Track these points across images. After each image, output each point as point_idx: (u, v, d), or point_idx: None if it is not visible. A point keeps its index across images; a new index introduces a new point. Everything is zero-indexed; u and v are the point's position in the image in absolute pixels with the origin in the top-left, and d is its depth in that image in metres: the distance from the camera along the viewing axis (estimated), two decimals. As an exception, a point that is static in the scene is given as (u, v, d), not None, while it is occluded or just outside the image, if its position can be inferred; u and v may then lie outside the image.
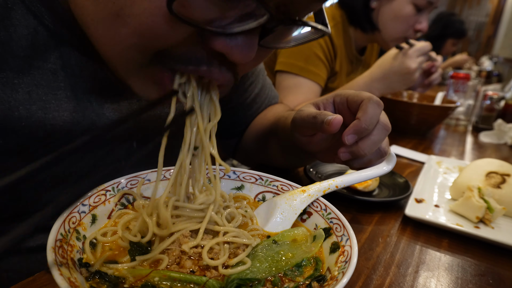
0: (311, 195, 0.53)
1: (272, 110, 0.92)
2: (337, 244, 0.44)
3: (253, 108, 0.91)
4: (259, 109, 0.93)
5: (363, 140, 0.56)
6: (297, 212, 0.52)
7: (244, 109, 0.90)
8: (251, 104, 0.90)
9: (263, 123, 0.88)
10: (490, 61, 4.67)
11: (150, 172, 0.55)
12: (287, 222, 0.51)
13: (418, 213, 0.68)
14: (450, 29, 3.46)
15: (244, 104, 0.89)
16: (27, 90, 0.47)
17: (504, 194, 0.74)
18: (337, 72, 1.46)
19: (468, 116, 1.83)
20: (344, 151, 0.57)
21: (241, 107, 0.89)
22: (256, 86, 0.90)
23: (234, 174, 0.60)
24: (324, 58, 1.37)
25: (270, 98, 0.96)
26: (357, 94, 0.58)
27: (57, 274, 0.31)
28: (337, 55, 1.43)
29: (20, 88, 0.47)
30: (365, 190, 0.77)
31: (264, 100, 0.93)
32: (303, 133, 0.62)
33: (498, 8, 6.38)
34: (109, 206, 0.48)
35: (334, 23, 1.41)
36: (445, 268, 0.56)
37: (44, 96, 0.48)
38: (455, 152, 1.27)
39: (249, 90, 0.88)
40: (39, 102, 0.48)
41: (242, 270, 0.40)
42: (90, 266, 0.38)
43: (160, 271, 0.38)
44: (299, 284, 0.39)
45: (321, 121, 0.55)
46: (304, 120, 0.59)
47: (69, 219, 0.41)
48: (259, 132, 0.88)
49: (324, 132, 0.56)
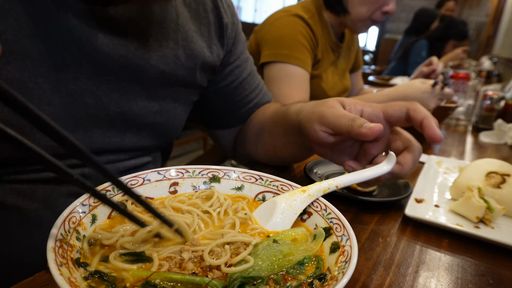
0: (311, 195, 0.53)
1: (271, 107, 0.91)
2: (337, 244, 0.44)
3: (241, 95, 0.90)
4: (248, 98, 0.91)
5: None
6: (297, 212, 0.52)
7: (230, 93, 0.88)
8: (238, 89, 0.89)
9: (262, 120, 0.87)
10: (490, 61, 4.66)
11: (150, 172, 0.55)
12: (287, 222, 0.51)
13: (418, 213, 0.68)
14: (452, 30, 3.51)
15: (230, 88, 0.87)
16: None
17: (504, 194, 0.74)
18: (320, 59, 1.48)
19: (468, 116, 1.83)
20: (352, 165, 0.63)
21: (228, 90, 0.87)
22: (243, 71, 0.89)
23: (234, 174, 0.60)
24: (307, 45, 1.39)
25: (264, 94, 0.96)
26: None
27: (57, 274, 0.31)
28: (318, 43, 1.45)
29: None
30: (365, 190, 0.77)
31: (255, 90, 0.92)
32: (331, 130, 0.60)
33: (498, 8, 6.37)
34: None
35: (310, 14, 1.43)
36: (445, 268, 0.56)
37: None
38: (455, 152, 1.27)
39: (236, 73, 0.87)
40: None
41: (246, 268, 0.40)
42: (88, 266, 0.38)
43: (161, 273, 0.38)
44: (301, 282, 0.39)
45: (360, 125, 0.55)
46: (339, 118, 0.58)
47: (69, 219, 0.41)
48: (258, 128, 0.87)
49: (357, 136, 0.56)
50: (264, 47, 1.41)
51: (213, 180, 0.59)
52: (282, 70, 1.36)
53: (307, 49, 1.39)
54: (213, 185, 0.58)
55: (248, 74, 0.91)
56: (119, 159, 0.69)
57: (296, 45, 1.36)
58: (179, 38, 0.69)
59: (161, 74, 0.67)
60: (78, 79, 0.57)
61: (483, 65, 4.39)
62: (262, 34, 1.44)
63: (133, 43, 0.61)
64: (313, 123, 0.62)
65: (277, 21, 1.42)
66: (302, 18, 1.40)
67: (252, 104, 0.93)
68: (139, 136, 0.69)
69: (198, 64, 0.74)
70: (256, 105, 0.94)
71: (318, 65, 1.49)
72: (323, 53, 1.50)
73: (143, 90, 0.66)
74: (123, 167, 0.70)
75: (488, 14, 6.76)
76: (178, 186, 0.57)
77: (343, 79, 1.67)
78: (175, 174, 0.57)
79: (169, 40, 0.67)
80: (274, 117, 0.82)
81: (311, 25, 1.41)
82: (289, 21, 1.39)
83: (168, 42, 0.67)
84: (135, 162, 0.72)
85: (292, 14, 1.40)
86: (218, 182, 0.59)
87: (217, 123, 0.95)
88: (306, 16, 1.41)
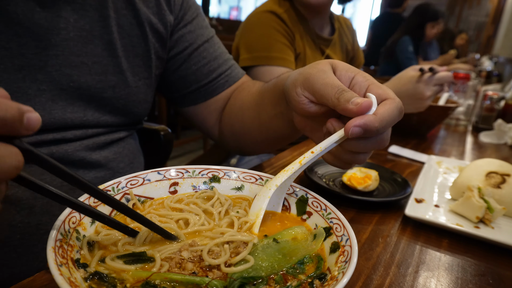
0: (287, 170, 0.52)
1: (257, 84, 0.84)
2: (337, 244, 0.44)
3: (199, 63, 0.84)
4: (209, 67, 0.85)
5: (361, 141, 0.48)
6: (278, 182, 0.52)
7: (186, 61, 0.83)
8: (194, 56, 0.84)
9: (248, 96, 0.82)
10: (490, 61, 4.66)
11: (150, 172, 0.55)
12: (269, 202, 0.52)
13: (418, 213, 0.68)
14: (426, 15, 3.75)
15: (184, 55, 0.83)
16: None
17: (504, 194, 0.74)
18: (299, 53, 1.41)
19: (468, 116, 1.83)
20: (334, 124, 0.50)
21: (182, 58, 0.83)
22: (197, 38, 0.84)
23: (234, 174, 0.60)
24: (285, 40, 1.33)
25: (233, 68, 0.90)
26: (383, 89, 0.50)
27: (57, 274, 0.31)
28: (295, 36, 1.38)
29: None
30: (365, 190, 0.77)
31: (217, 60, 0.86)
32: (314, 98, 0.53)
33: (498, 8, 6.37)
34: (109, 206, 0.48)
35: (285, 8, 1.37)
36: (445, 268, 0.56)
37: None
38: (455, 152, 1.27)
39: (187, 39, 0.82)
40: None
41: (246, 268, 0.40)
42: (88, 267, 0.38)
43: (161, 274, 0.38)
44: (301, 282, 0.39)
45: (347, 99, 0.47)
46: (326, 87, 0.50)
47: (69, 219, 0.41)
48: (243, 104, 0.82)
49: (343, 112, 0.48)
50: (242, 50, 1.34)
51: (213, 180, 0.59)
52: (265, 73, 1.28)
53: (286, 45, 1.32)
54: (213, 185, 0.58)
55: (204, 41, 0.85)
56: (86, 135, 0.68)
57: (273, 44, 1.29)
58: (119, 7, 0.69)
59: (108, 44, 0.67)
60: (23, 55, 0.57)
61: (483, 65, 4.40)
62: (239, 37, 1.38)
63: (72, 15, 0.62)
64: (296, 86, 0.55)
65: (249, 21, 1.36)
66: (275, 13, 1.32)
67: (216, 74, 0.86)
68: (101, 112, 0.69)
69: (146, 31, 0.73)
70: (223, 77, 0.88)
71: (298, 60, 1.41)
72: (304, 47, 1.42)
73: (96, 64, 0.66)
74: (93, 144, 0.70)
75: (488, 14, 6.77)
76: (178, 186, 0.57)
77: None
78: (175, 174, 0.57)
79: (109, 9, 0.67)
80: (261, 90, 0.77)
81: (285, 19, 1.33)
82: (262, 18, 1.33)
83: (108, 11, 0.67)
84: (105, 138, 0.72)
85: (265, 10, 1.34)
86: (218, 182, 0.59)
87: (183, 99, 0.89)
88: (280, 11, 1.34)
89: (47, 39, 0.59)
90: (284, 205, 0.55)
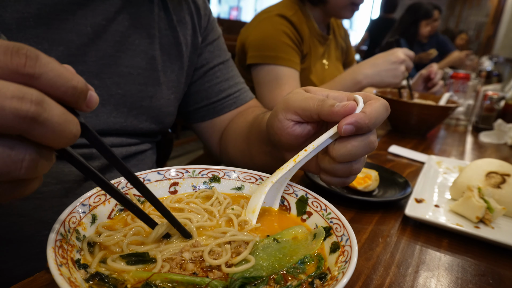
0: (282, 168, 0.54)
1: (253, 113, 0.87)
2: (337, 244, 0.44)
3: (211, 81, 0.90)
4: (220, 87, 0.91)
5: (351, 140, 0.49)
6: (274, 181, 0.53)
7: (200, 78, 0.89)
8: (208, 75, 0.90)
9: (242, 126, 0.86)
10: (490, 61, 4.67)
11: (150, 172, 0.55)
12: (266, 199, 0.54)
13: (418, 213, 0.68)
14: (419, 13, 3.75)
15: (200, 72, 0.89)
16: None
17: (504, 194, 0.74)
18: (307, 53, 1.49)
19: (468, 116, 1.83)
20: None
21: (197, 75, 0.89)
22: (214, 58, 0.90)
23: (234, 174, 0.60)
24: (292, 44, 1.39)
25: (242, 91, 0.95)
26: (365, 93, 0.53)
27: (57, 274, 0.31)
28: (303, 39, 1.45)
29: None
30: (365, 190, 0.77)
31: (228, 81, 0.92)
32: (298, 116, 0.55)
33: (498, 8, 6.38)
34: (109, 206, 0.48)
35: (293, 11, 1.44)
36: (445, 268, 0.56)
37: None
38: (455, 152, 1.27)
39: (205, 58, 0.89)
40: None
41: (247, 268, 0.40)
42: (88, 267, 0.38)
43: (161, 274, 0.38)
44: (302, 282, 0.39)
45: (331, 104, 0.49)
46: (307, 100, 0.53)
47: (69, 219, 0.41)
48: (237, 134, 0.87)
49: (329, 116, 0.50)
50: (249, 49, 1.41)
51: (213, 180, 0.59)
52: (271, 72, 1.36)
53: (293, 48, 1.40)
54: (213, 185, 0.58)
55: (220, 62, 0.92)
56: (122, 144, 0.74)
57: (280, 46, 1.37)
58: (162, 27, 0.77)
59: (151, 59, 0.74)
60: (85, 62, 0.65)
61: (483, 65, 4.39)
62: (246, 35, 1.44)
63: (127, 31, 0.70)
64: (277, 114, 0.56)
65: (260, 23, 1.43)
66: (285, 17, 1.40)
67: (225, 94, 0.92)
68: (139, 119, 0.75)
69: (182, 52, 0.80)
70: (231, 98, 0.93)
71: (306, 59, 1.50)
72: (310, 47, 1.50)
73: (140, 75, 0.73)
74: (126, 152, 0.76)
75: (488, 14, 6.77)
76: (178, 186, 0.57)
77: (335, 71, 1.66)
78: (175, 174, 0.57)
79: (155, 29, 0.75)
80: (252, 124, 0.80)
81: (295, 22, 1.41)
82: (272, 22, 1.40)
83: (154, 31, 0.75)
84: (135, 148, 0.78)
85: (275, 15, 1.41)
86: (218, 182, 0.59)
87: (193, 114, 0.95)
88: (289, 14, 1.41)
89: (104, 50, 0.67)
90: (284, 205, 0.55)
